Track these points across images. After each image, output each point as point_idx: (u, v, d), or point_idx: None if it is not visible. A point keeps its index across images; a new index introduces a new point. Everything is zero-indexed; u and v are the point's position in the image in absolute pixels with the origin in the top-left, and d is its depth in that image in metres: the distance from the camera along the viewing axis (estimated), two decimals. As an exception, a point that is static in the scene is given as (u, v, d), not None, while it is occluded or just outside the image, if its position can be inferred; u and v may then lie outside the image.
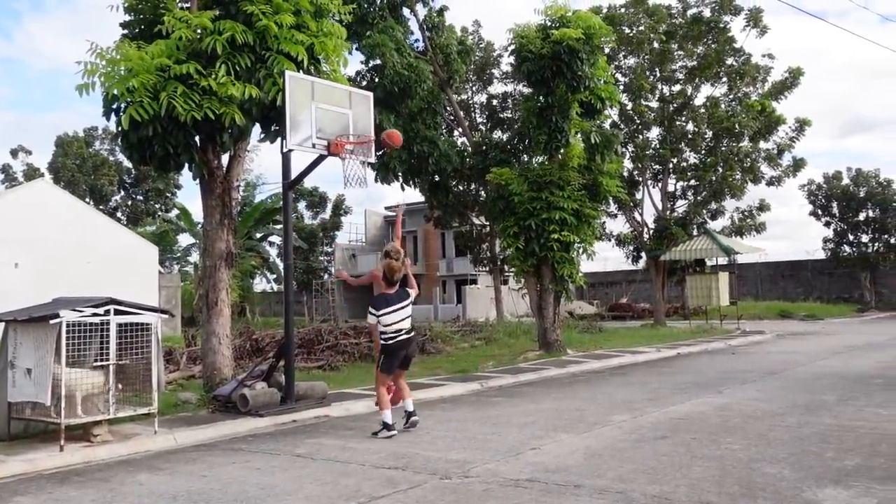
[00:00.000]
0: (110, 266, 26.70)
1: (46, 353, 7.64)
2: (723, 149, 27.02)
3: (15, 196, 28.29)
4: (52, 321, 7.49)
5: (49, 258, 25.67)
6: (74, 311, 7.63)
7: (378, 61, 18.73)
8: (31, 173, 50.70)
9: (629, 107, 26.78)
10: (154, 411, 8.28)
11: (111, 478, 6.59)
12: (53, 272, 24.49)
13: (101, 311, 7.82)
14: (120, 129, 9.26)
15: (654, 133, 28.35)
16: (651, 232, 28.46)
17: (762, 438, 7.29)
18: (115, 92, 9.20)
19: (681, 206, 28.86)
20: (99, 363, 7.84)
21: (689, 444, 7.12)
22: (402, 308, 8.32)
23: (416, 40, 21.72)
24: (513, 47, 17.16)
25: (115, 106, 9.46)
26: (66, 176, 48.25)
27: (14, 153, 54.64)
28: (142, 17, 10.65)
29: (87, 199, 45.61)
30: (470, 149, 23.27)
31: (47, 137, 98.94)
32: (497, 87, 29.95)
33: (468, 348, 18.93)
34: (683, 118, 27.78)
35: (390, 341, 8.25)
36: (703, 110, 27.47)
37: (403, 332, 8.30)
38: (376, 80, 18.74)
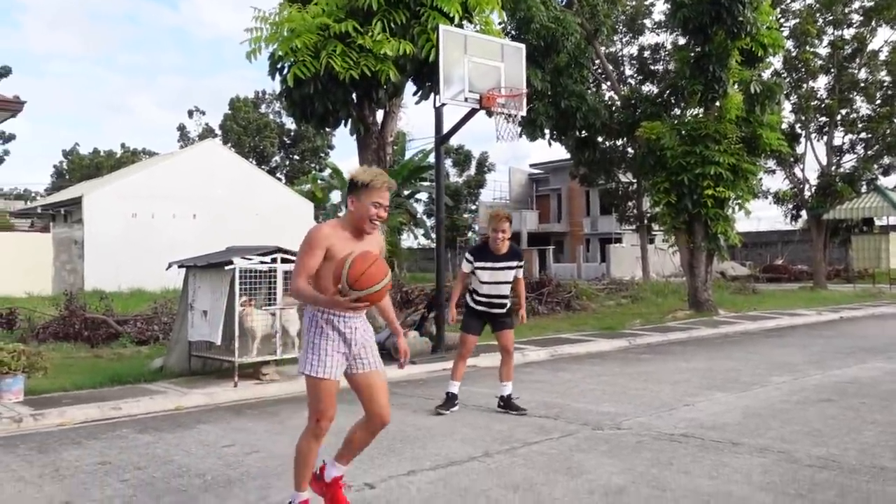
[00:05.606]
0: (271, 221, 28.49)
1: (220, 297, 8.27)
2: (900, 98, 24.76)
3: (188, 155, 30.61)
4: (226, 267, 8.08)
5: (219, 212, 27.72)
6: (245, 258, 8.19)
7: (523, 16, 18.49)
8: (206, 133, 54.37)
9: (793, 54, 24.97)
10: (316, 354, 8.77)
11: (280, 412, 7.11)
12: (222, 225, 26.47)
13: (268, 259, 8.35)
14: (284, 87, 9.73)
15: (821, 82, 26.37)
16: (813, 189, 26.67)
17: (942, 406, 6.79)
18: (280, 52, 9.66)
19: (848, 161, 26.82)
20: (269, 307, 8.41)
21: (858, 408, 6.74)
22: None
23: (561, -8, 21.21)
24: (668, -6, 16.42)
25: (279, 66, 9.93)
26: (233, 138, 51.40)
27: (190, 114, 59.17)
28: (300, -21, 11.07)
29: (251, 159, 48.39)
30: (619, 103, 22.59)
31: (211, 101, 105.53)
32: (648, 38, 28.82)
33: (614, 306, 18.68)
34: (856, 65, 25.61)
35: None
36: (881, 56, 25.17)
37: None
38: (521, 35, 18.51)
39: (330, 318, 3.81)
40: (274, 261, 8.38)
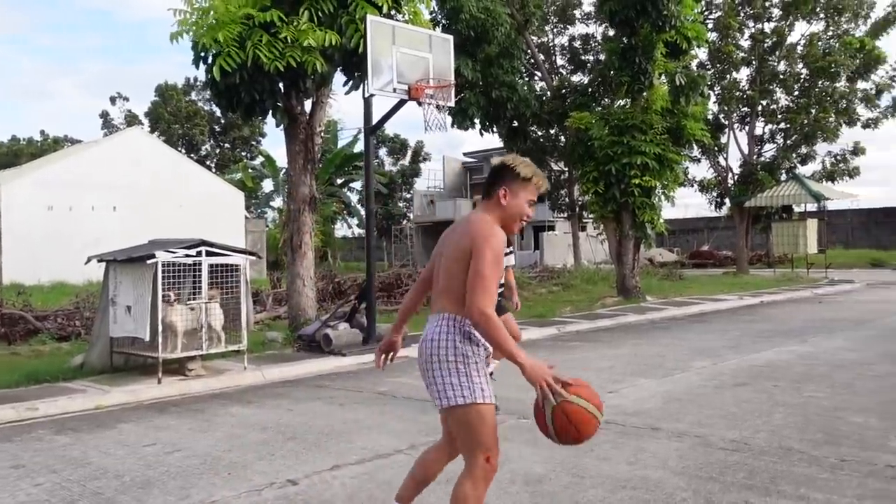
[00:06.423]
0: (200, 211, 27.88)
1: (144, 292, 8.07)
2: (817, 90, 25.73)
3: (112, 143, 29.63)
4: (148, 261, 7.89)
5: (143, 202, 26.95)
6: (168, 251, 8.01)
7: (452, 6, 18.53)
8: (131, 120, 52.56)
9: (717, 46, 25.70)
10: (244, 349, 8.68)
11: (206, 409, 7.00)
12: (148, 215, 25.77)
13: (193, 252, 8.19)
14: (209, 77, 9.52)
15: (744, 74, 27.22)
16: (736, 177, 27.56)
17: (848, 388, 7.14)
18: (204, 42, 9.43)
19: (768, 151, 27.79)
20: (192, 302, 8.25)
21: (771, 391, 7.03)
22: None
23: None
24: (595, -14, 16.67)
25: (203, 55, 9.71)
26: (162, 126, 49.91)
27: (112, 100, 56.84)
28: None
29: (180, 148, 47.14)
30: (549, 93, 22.88)
31: (136, 87, 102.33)
32: (579, 29, 29.22)
33: (545, 294, 18.96)
34: (775, 58, 26.52)
35: None
36: (798, 49, 26.11)
37: None
38: (451, 26, 18.57)
39: (474, 336, 3.07)
40: (199, 254, 8.22)
